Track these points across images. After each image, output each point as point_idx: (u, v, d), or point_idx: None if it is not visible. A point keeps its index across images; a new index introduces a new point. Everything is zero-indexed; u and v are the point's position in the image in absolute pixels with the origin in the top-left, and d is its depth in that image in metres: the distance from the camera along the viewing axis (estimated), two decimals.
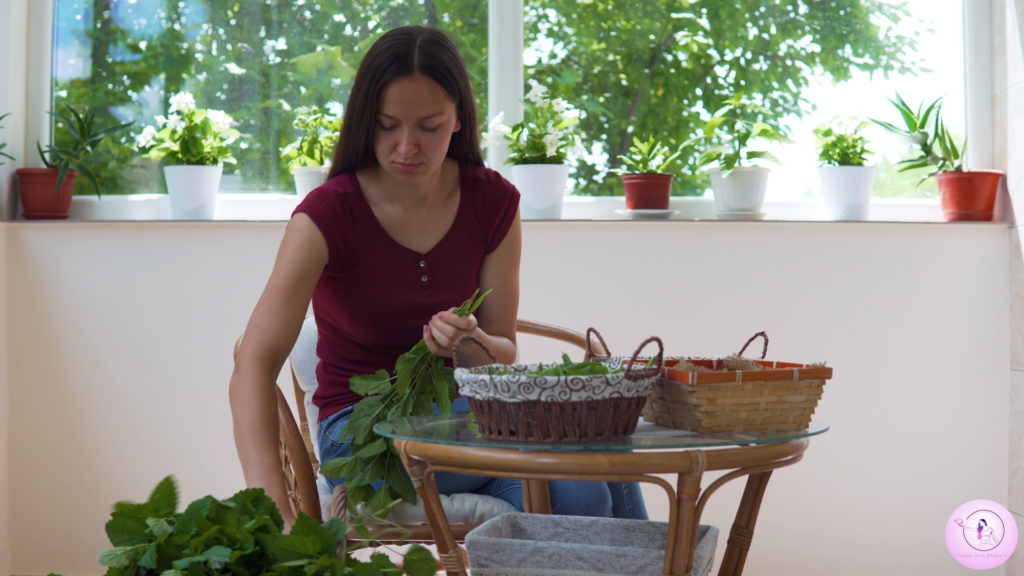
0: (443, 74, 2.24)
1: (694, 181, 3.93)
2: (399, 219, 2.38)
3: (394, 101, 2.23)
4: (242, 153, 3.80)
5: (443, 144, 2.29)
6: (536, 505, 2.23)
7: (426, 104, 2.24)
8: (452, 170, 2.44)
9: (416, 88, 2.23)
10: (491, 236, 2.43)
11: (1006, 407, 3.52)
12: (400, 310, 2.36)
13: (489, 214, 2.42)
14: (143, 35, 3.85)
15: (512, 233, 2.45)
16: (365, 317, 2.37)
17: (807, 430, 1.97)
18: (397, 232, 2.38)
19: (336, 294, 2.37)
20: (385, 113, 2.24)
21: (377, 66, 2.24)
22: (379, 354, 2.38)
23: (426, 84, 2.23)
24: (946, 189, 3.56)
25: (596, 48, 4.05)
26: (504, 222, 2.43)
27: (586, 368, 1.89)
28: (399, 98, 2.23)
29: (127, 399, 3.45)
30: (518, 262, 2.48)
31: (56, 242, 3.45)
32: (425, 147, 2.27)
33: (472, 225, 2.42)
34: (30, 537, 3.44)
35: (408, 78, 2.23)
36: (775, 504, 3.20)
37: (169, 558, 1.74)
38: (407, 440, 1.92)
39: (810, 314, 3.52)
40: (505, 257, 2.45)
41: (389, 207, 2.38)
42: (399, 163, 2.27)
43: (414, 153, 2.26)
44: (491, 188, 2.43)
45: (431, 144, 2.27)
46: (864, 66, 3.97)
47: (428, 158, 2.28)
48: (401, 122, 2.25)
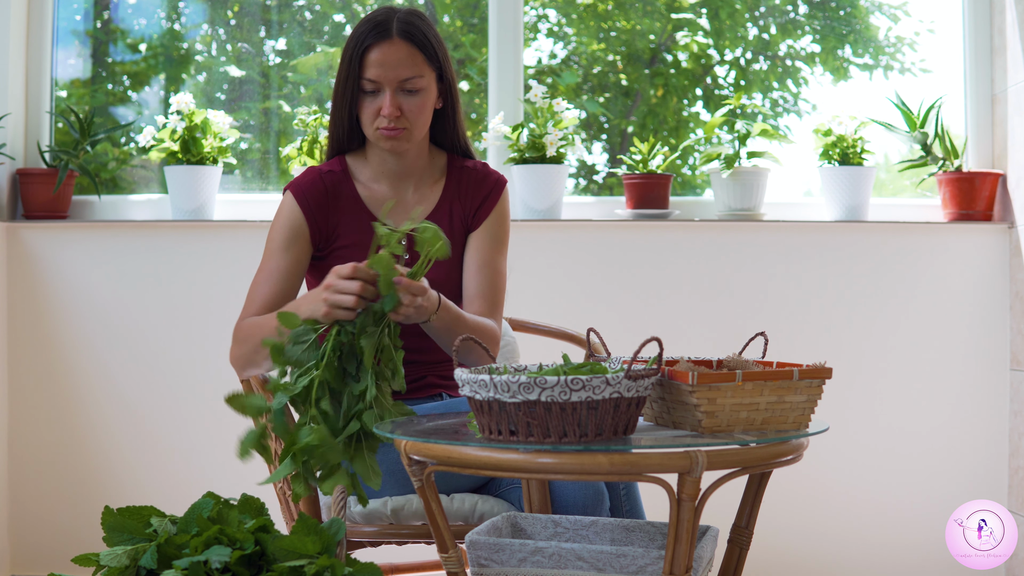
0: (420, 40, 2.37)
1: (694, 181, 3.93)
2: (384, 197, 2.46)
3: (375, 64, 2.35)
4: (242, 153, 3.80)
5: (424, 110, 2.39)
6: (536, 505, 2.23)
7: (405, 66, 2.36)
8: (441, 159, 2.52)
9: (395, 51, 2.35)
10: (472, 217, 2.49)
11: (1006, 407, 3.52)
12: None
13: (471, 197, 2.49)
14: (143, 35, 3.85)
15: (496, 216, 2.49)
16: None
17: (807, 430, 1.97)
18: (380, 210, 2.45)
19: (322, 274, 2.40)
20: (367, 77, 2.36)
21: (358, 35, 2.37)
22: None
23: (404, 47, 2.36)
24: (946, 189, 3.56)
25: (596, 48, 4.05)
26: (486, 204, 2.49)
27: (586, 368, 1.89)
28: (379, 60, 2.35)
29: (127, 399, 3.45)
30: (503, 246, 2.50)
31: (56, 242, 3.45)
32: (407, 111, 2.37)
33: (454, 207, 2.48)
34: (30, 537, 3.44)
35: (387, 42, 2.35)
36: (775, 504, 3.20)
37: (169, 558, 1.75)
38: (407, 440, 1.92)
39: (810, 314, 3.52)
40: (488, 236, 2.48)
41: (375, 186, 2.47)
42: (383, 128, 2.38)
43: (396, 117, 2.37)
44: (476, 174, 2.51)
45: (413, 108, 2.38)
46: (864, 66, 3.97)
47: (411, 123, 2.39)
48: (383, 85, 2.36)
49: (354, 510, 2.30)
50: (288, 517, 2.45)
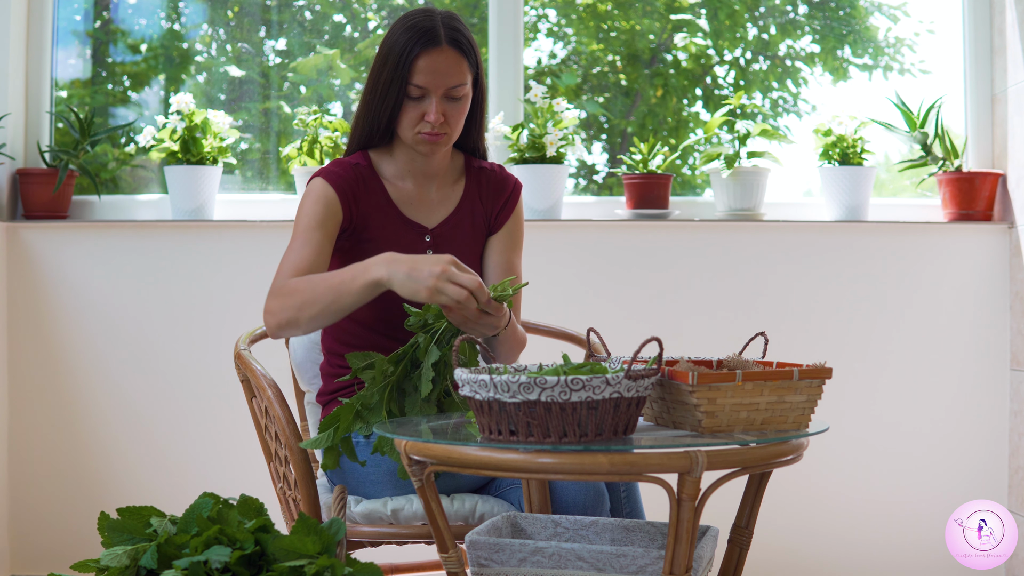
0: (466, 47, 2.39)
1: (694, 181, 3.93)
2: (409, 194, 2.48)
3: (425, 71, 2.35)
4: (242, 153, 3.80)
5: (464, 115, 2.43)
6: (536, 505, 2.23)
7: (454, 74, 2.37)
8: (458, 159, 2.55)
9: (445, 58, 2.36)
10: (493, 219, 2.53)
11: (1006, 407, 3.52)
12: None
13: (492, 199, 2.53)
14: (143, 35, 3.85)
15: (514, 219, 2.55)
16: None
17: (807, 430, 1.97)
18: (406, 206, 2.47)
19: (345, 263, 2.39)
20: (415, 84, 2.36)
21: (405, 41, 2.37)
22: (384, 337, 2.38)
23: (453, 55, 2.37)
24: (946, 189, 3.56)
25: (596, 48, 4.05)
26: (506, 207, 2.53)
27: (586, 368, 1.90)
28: (430, 68, 2.35)
29: (127, 399, 3.45)
30: (520, 248, 2.56)
31: (56, 242, 3.45)
32: (450, 117, 2.39)
33: (476, 208, 2.51)
34: (30, 537, 3.44)
35: (438, 49, 2.36)
36: (775, 504, 3.21)
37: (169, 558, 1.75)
38: (407, 440, 1.92)
39: (810, 314, 3.53)
40: (508, 238, 2.53)
41: (400, 183, 2.48)
42: (426, 133, 2.39)
43: (441, 123, 2.38)
44: (495, 176, 2.55)
45: (455, 114, 2.40)
46: (864, 67, 3.97)
47: (451, 127, 2.41)
48: (429, 92, 2.37)
49: (354, 510, 2.30)
50: (288, 517, 2.45)
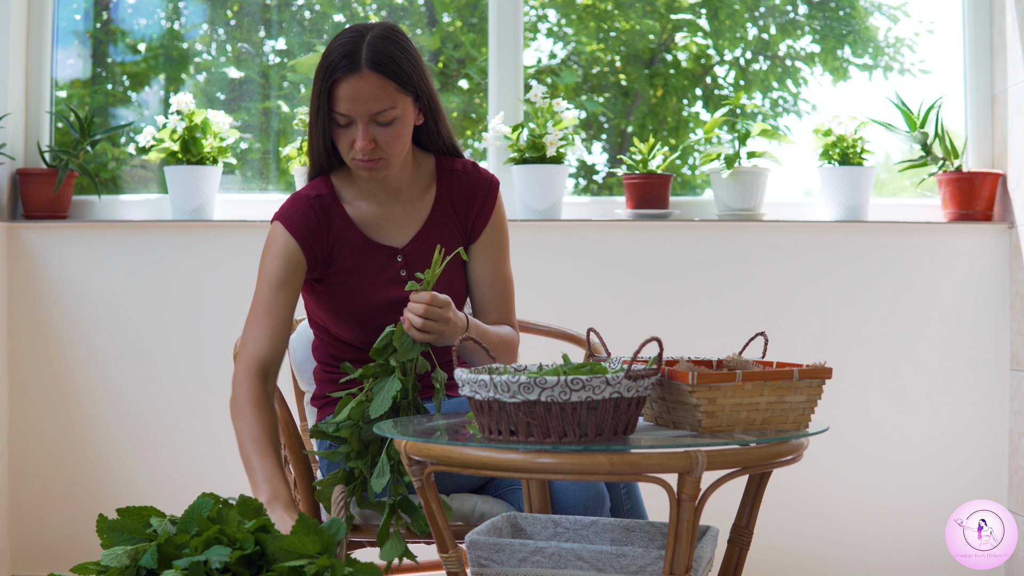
0: (392, 69, 2.27)
1: (694, 181, 3.93)
2: (374, 216, 2.40)
3: (344, 99, 2.26)
4: (242, 153, 3.80)
5: (400, 138, 2.31)
6: (536, 505, 2.23)
7: (376, 99, 2.26)
8: (428, 163, 2.46)
9: (365, 84, 2.26)
10: (471, 226, 2.45)
11: (1006, 407, 3.52)
12: (383, 307, 2.37)
13: (467, 204, 2.44)
14: (143, 35, 3.85)
15: (495, 221, 2.46)
16: (350, 317, 2.38)
17: (807, 430, 1.97)
18: (372, 229, 2.40)
19: (321, 297, 2.39)
20: (338, 111, 2.28)
21: (327, 65, 2.29)
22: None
23: (375, 79, 2.26)
24: (946, 189, 3.56)
25: (595, 48, 4.05)
26: (484, 211, 2.45)
27: (586, 368, 1.89)
28: (349, 95, 2.26)
29: (127, 399, 3.45)
30: (506, 249, 2.48)
31: (56, 242, 3.45)
32: (382, 142, 2.29)
33: (449, 217, 2.43)
34: (30, 537, 3.44)
35: (356, 75, 2.25)
36: (775, 504, 3.20)
37: (169, 558, 1.75)
38: (407, 440, 1.92)
39: (810, 314, 3.52)
40: (490, 245, 2.45)
41: (363, 205, 2.40)
42: (359, 160, 2.31)
43: (371, 148, 2.29)
44: (468, 179, 2.45)
45: (388, 139, 2.29)
46: (864, 67, 3.97)
47: (387, 152, 2.31)
48: (355, 119, 2.27)
49: (354, 511, 2.30)
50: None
